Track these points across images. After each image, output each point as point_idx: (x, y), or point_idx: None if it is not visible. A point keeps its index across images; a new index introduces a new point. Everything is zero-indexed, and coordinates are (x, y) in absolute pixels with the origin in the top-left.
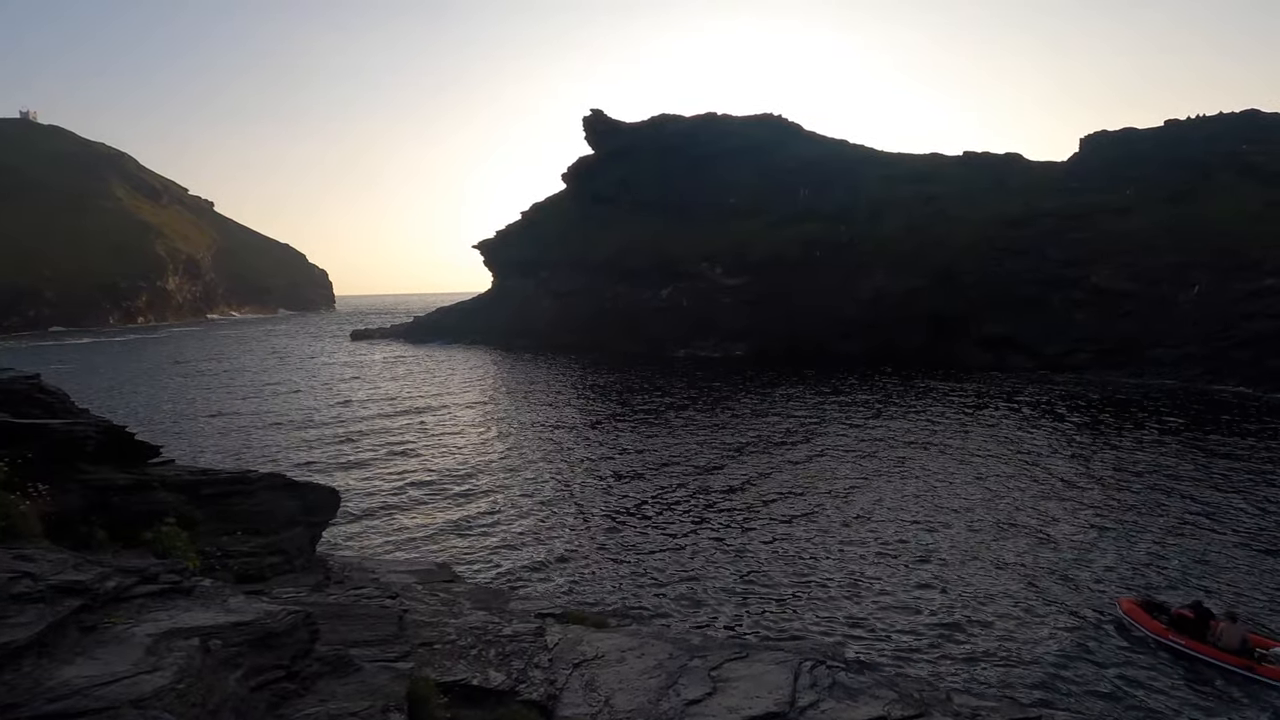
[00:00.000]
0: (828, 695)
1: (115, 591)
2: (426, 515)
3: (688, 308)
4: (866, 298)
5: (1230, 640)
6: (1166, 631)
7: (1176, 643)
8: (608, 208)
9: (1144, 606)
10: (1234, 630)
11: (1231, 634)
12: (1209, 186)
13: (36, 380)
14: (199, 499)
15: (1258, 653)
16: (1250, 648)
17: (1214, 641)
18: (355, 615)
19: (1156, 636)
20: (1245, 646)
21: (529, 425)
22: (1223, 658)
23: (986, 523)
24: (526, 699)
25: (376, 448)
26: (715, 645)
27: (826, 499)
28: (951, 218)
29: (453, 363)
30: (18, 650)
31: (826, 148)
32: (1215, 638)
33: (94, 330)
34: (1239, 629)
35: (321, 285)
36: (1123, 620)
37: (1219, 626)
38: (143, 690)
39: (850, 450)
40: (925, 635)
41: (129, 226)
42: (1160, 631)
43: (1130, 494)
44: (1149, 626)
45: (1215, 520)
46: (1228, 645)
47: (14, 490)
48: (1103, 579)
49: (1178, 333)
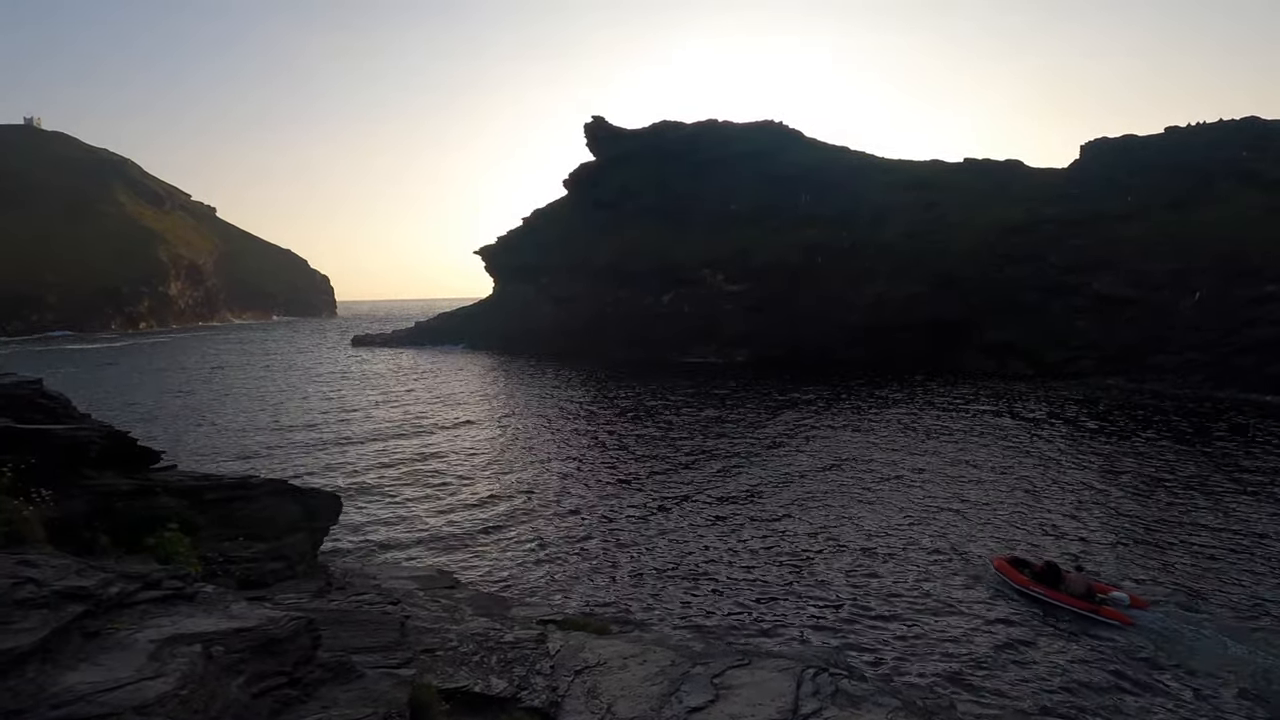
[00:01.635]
0: (830, 703)
1: (118, 597)
2: (428, 521)
3: (689, 314)
4: (868, 304)
5: (1077, 588)
6: (1029, 583)
7: (1037, 592)
8: (609, 214)
9: (1011, 563)
10: (1080, 579)
11: (1078, 583)
12: (1210, 193)
13: (39, 386)
14: (201, 504)
15: (1098, 597)
16: (1093, 593)
17: (1065, 589)
18: (357, 621)
19: (1021, 588)
20: (1089, 592)
21: (530, 431)
22: (1072, 602)
23: (989, 530)
24: (528, 706)
25: (378, 453)
26: (717, 652)
27: (828, 506)
28: (952, 224)
29: (454, 368)
30: (21, 656)
31: (827, 154)
32: (1066, 586)
33: (96, 336)
34: (1083, 578)
35: (323, 291)
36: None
37: (1069, 577)
38: (146, 696)
39: (852, 458)
40: (928, 647)
41: (131, 232)
42: (1024, 583)
43: (1146, 499)
44: (1016, 580)
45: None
46: (1075, 592)
47: (17, 496)
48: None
49: (1179, 339)
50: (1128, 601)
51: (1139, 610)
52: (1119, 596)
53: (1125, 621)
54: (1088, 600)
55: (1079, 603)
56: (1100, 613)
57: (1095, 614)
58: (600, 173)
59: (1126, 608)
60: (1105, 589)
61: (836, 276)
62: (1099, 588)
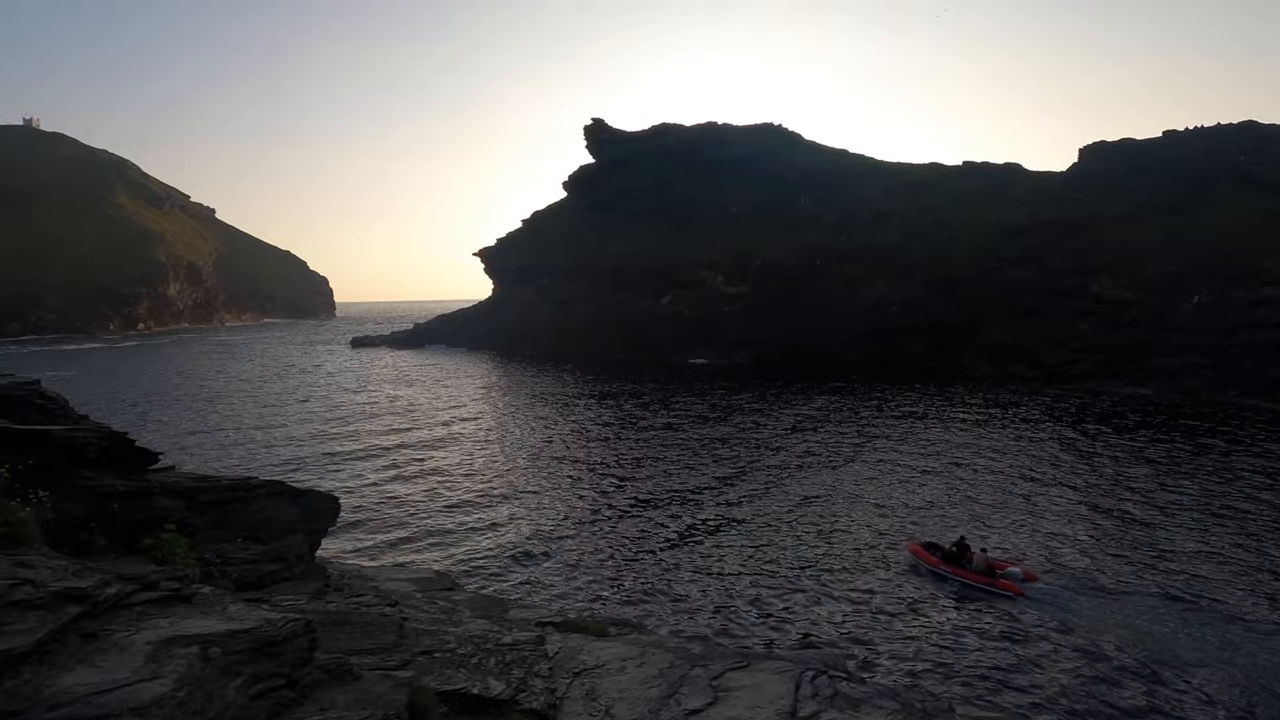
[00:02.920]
0: (829, 705)
1: (115, 599)
2: (426, 523)
3: (688, 316)
4: (867, 306)
5: (980, 566)
6: (939, 563)
7: (946, 571)
8: (609, 216)
9: (925, 547)
10: (982, 558)
11: (981, 561)
12: (1208, 196)
13: (37, 386)
14: (199, 506)
15: (997, 573)
16: (993, 569)
17: (969, 567)
18: (355, 623)
19: (932, 568)
20: (989, 569)
21: (528, 433)
22: (975, 578)
23: (993, 532)
24: (527, 708)
25: (376, 455)
26: (716, 654)
27: (827, 508)
28: (952, 227)
29: (452, 370)
30: (18, 657)
31: (827, 157)
32: (970, 564)
33: (95, 336)
34: (985, 557)
35: (322, 292)
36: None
37: (973, 556)
38: (143, 698)
39: (851, 461)
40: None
41: (131, 233)
42: (935, 564)
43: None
44: (928, 561)
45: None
46: (978, 569)
47: (14, 497)
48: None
49: (1179, 342)
50: (1021, 576)
51: (1030, 583)
52: (1014, 571)
53: (1018, 592)
54: (988, 576)
55: (981, 578)
56: (998, 586)
57: (994, 587)
58: (600, 175)
59: (1020, 581)
60: (1003, 566)
61: (836, 279)
62: (998, 565)
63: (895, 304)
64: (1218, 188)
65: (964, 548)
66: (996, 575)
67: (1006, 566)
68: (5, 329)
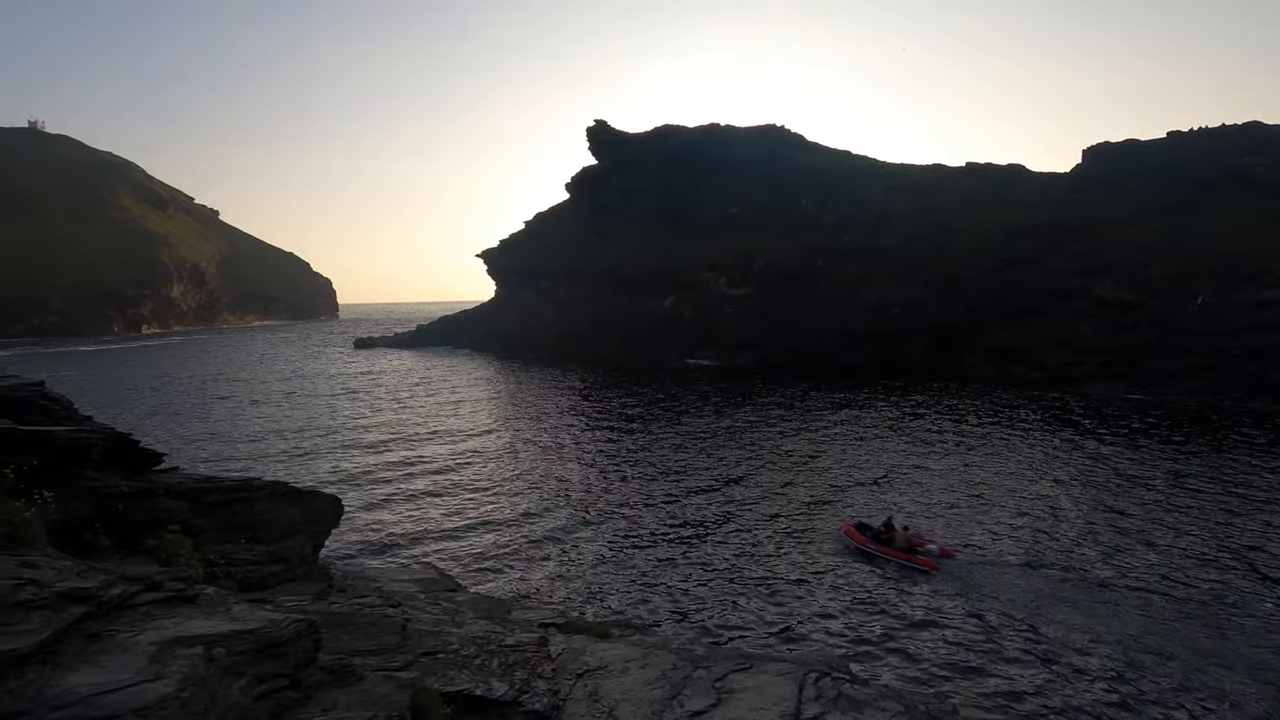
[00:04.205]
0: (833, 707)
1: (119, 599)
2: (429, 524)
3: (690, 317)
4: (869, 308)
5: (902, 544)
6: (868, 542)
7: (874, 549)
8: (611, 218)
9: (857, 527)
10: (904, 537)
11: (903, 539)
12: (1211, 198)
13: (41, 388)
14: (202, 507)
15: (917, 550)
16: (913, 546)
17: (893, 545)
18: (358, 624)
19: (861, 546)
20: (910, 546)
21: (531, 435)
22: (897, 555)
23: (996, 540)
24: (530, 709)
25: (378, 456)
26: (719, 656)
27: (829, 509)
28: (954, 228)
29: (454, 372)
30: (22, 658)
31: (829, 158)
32: (894, 542)
33: (98, 338)
34: (906, 535)
35: (325, 293)
36: (845, 539)
37: (896, 535)
38: (146, 699)
39: (854, 463)
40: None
41: (134, 235)
42: (864, 542)
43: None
44: (859, 540)
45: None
46: (900, 546)
47: (19, 497)
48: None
49: (1181, 345)
50: (938, 552)
51: (947, 559)
52: (932, 549)
53: (932, 567)
54: (909, 552)
55: (902, 555)
56: (915, 561)
57: (912, 563)
58: (602, 176)
59: (937, 557)
60: (923, 543)
61: (838, 280)
62: (919, 543)
63: (897, 305)
64: (1220, 189)
65: (890, 527)
66: (916, 552)
67: (926, 544)
68: (9, 331)
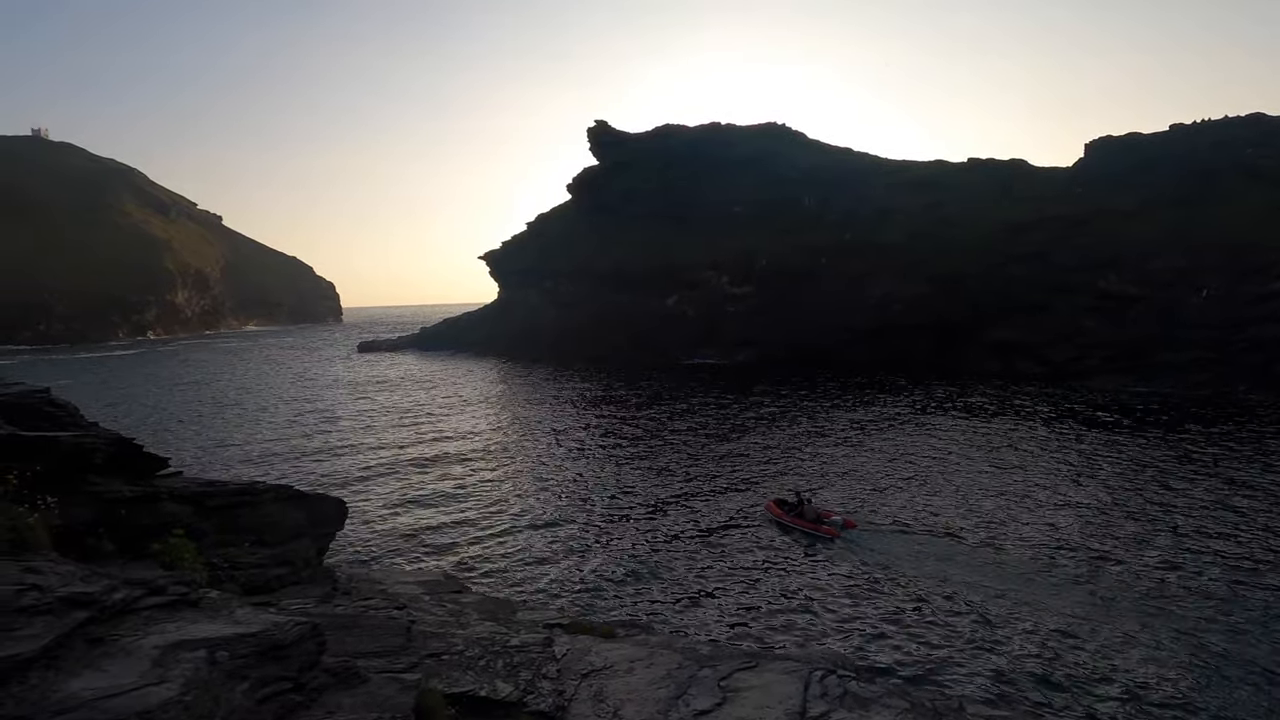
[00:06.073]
0: (839, 705)
1: (123, 603)
2: (433, 526)
3: (693, 316)
4: (872, 305)
5: (810, 515)
6: (784, 515)
7: (788, 521)
8: (612, 218)
9: (777, 504)
10: (812, 509)
11: (811, 512)
12: (1215, 190)
13: (46, 394)
14: (206, 510)
15: (823, 521)
16: (820, 518)
17: (803, 516)
18: (362, 626)
19: (777, 519)
20: (818, 518)
21: (535, 435)
22: (807, 525)
23: (1008, 539)
24: (535, 710)
25: (382, 458)
26: (724, 655)
27: (833, 509)
28: (957, 224)
29: (458, 373)
30: (25, 662)
31: (830, 156)
32: (803, 514)
33: (103, 344)
34: (814, 508)
35: (328, 297)
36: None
37: (805, 508)
38: (149, 702)
39: (860, 460)
40: (947, 643)
41: (138, 241)
42: (781, 516)
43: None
44: (777, 514)
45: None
46: (809, 518)
47: (23, 503)
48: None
49: (1186, 338)
50: (841, 522)
51: (849, 529)
52: (836, 520)
53: (834, 535)
54: (815, 523)
55: (810, 525)
56: (820, 530)
57: (817, 532)
58: (604, 177)
59: (841, 527)
60: (829, 514)
61: (840, 277)
62: (825, 514)
63: (900, 301)
64: (1225, 181)
65: (801, 500)
66: (821, 522)
67: (831, 515)
68: (14, 337)
